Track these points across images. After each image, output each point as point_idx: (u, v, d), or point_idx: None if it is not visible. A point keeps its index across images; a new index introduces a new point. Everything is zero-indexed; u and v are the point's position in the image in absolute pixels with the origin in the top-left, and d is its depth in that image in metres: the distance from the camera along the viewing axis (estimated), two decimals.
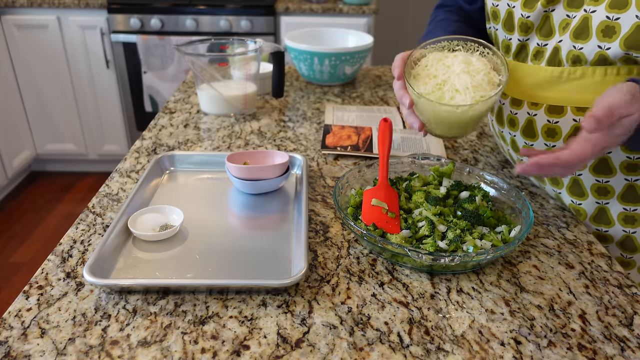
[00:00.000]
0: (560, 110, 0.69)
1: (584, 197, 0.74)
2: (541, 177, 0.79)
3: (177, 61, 2.43)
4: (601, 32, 0.61)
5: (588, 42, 0.63)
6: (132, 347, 0.50)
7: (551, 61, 0.69)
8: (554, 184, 0.78)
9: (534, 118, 0.73)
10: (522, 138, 0.76)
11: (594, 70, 0.64)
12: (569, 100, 0.68)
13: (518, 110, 0.75)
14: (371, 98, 1.26)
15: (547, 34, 0.69)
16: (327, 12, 2.43)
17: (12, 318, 0.54)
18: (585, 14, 0.63)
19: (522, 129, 0.75)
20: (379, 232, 0.65)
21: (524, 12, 0.69)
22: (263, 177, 0.78)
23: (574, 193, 0.75)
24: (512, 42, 0.74)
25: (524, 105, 0.74)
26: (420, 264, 0.61)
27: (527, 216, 0.66)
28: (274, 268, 0.62)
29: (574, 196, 0.75)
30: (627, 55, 0.61)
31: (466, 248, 0.61)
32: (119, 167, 0.87)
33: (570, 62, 0.66)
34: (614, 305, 0.58)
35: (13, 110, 2.49)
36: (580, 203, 0.75)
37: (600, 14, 0.61)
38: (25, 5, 2.35)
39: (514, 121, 0.77)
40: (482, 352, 0.51)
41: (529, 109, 0.73)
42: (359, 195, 0.73)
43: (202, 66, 1.07)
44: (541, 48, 0.70)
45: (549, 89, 0.70)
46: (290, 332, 0.53)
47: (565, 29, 0.66)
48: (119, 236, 0.66)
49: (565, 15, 0.66)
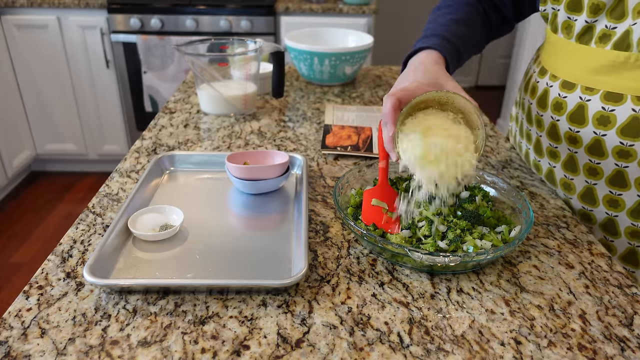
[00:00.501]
0: (619, 98, 0.66)
1: (626, 188, 0.72)
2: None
3: (177, 61, 2.43)
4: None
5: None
6: (132, 347, 0.50)
7: (619, 45, 0.65)
8: (565, 190, 0.77)
9: (587, 104, 0.69)
10: (568, 123, 0.73)
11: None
12: (630, 89, 0.65)
13: (568, 94, 0.72)
14: (371, 98, 1.26)
15: (619, 16, 0.65)
16: (327, 12, 2.43)
17: (12, 318, 0.54)
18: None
19: (570, 114, 0.72)
20: (379, 232, 0.65)
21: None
22: (263, 177, 0.78)
23: (615, 184, 0.73)
24: (577, 23, 0.70)
25: (577, 89, 0.71)
26: (420, 264, 0.61)
27: (527, 216, 0.66)
28: (274, 268, 0.62)
29: (614, 187, 0.73)
30: None
31: (466, 248, 0.61)
32: (119, 167, 0.87)
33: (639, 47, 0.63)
34: (614, 305, 0.58)
35: (13, 110, 2.49)
36: (592, 210, 0.75)
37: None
38: (25, 5, 2.35)
39: (561, 105, 0.73)
40: (482, 352, 0.51)
41: (582, 93, 0.70)
42: (359, 195, 0.73)
43: (202, 66, 1.07)
44: (609, 31, 0.66)
45: (610, 74, 0.66)
46: (290, 332, 0.53)
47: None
48: (119, 236, 0.66)
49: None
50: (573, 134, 0.73)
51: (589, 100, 0.69)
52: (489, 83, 4.31)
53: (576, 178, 0.77)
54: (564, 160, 0.77)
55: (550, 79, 0.76)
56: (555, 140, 0.77)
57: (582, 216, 0.79)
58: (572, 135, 0.73)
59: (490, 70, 4.27)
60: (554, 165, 0.80)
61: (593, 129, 0.70)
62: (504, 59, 4.17)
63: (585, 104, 0.70)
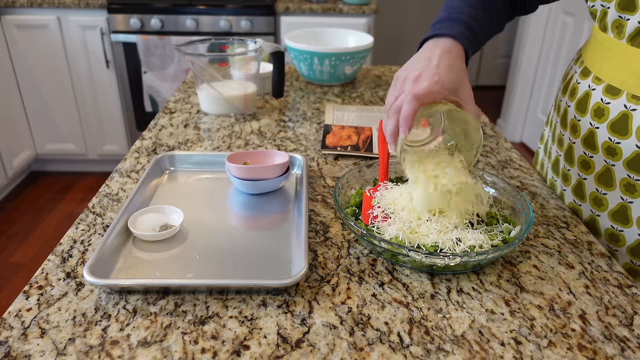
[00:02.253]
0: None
1: (628, 224, 0.68)
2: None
3: (177, 61, 2.43)
4: None
5: None
6: (132, 347, 0.50)
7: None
8: (595, 206, 0.71)
9: (632, 113, 0.64)
10: (608, 132, 0.67)
11: None
12: None
13: (612, 100, 0.66)
14: (371, 98, 1.26)
15: None
16: (327, 12, 2.43)
17: (12, 318, 0.54)
18: None
19: (612, 122, 0.66)
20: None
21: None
22: (263, 177, 0.78)
23: (617, 219, 0.69)
24: (629, 23, 0.63)
25: (622, 96, 0.65)
26: (420, 264, 0.61)
27: (527, 216, 0.66)
28: (274, 268, 0.62)
29: (617, 222, 0.70)
30: None
31: (467, 247, 0.61)
32: (119, 167, 0.87)
33: None
34: (614, 305, 0.58)
35: (13, 110, 2.49)
36: (622, 230, 0.70)
37: None
38: (25, 5, 2.35)
39: (603, 111, 0.67)
40: (482, 352, 0.51)
41: (627, 101, 0.64)
42: (359, 195, 0.73)
43: (202, 66, 1.07)
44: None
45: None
46: (290, 332, 0.53)
47: None
48: (119, 236, 0.66)
49: None
50: (613, 144, 0.67)
51: (634, 110, 0.64)
52: (489, 83, 4.31)
53: (610, 193, 0.70)
54: (598, 172, 0.71)
55: (593, 81, 0.70)
56: (592, 149, 0.71)
57: (609, 236, 0.73)
58: (611, 146, 0.67)
59: (490, 70, 4.27)
60: (585, 177, 0.73)
61: (636, 142, 0.64)
62: (504, 59, 4.17)
63: (630, 113, 0.64)
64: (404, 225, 0.63)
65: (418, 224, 0.63)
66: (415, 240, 0.62)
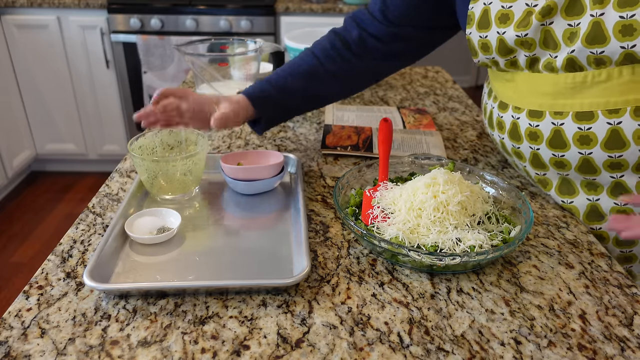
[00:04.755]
0: (590, 116, 0.65)
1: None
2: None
3: (177, 61, 2.43)
4: (619, 33, 0.59)
5: (608, 45, 0.60)
6: (132, 347, 0.50)
7: (570, 68, 0.65)
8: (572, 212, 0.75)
9: (561, 127, 0.68)
10: (549, 150, 0.71)
11: (620, 71, 0.61)
12: (597, 105, 0.64)
13: (539, 122, 0.70)
14: (371, 98, 1.26)
15: (554, 47, 0.65)
16: (327, 12, 2.43)
17: (12, 318, 0.54)
18: (594, 18, 0.60)
19: (549, 140, 0.70)
20: None
21: (519, 32, 0.66)
22: (257, 178, 0.77)
23: (591, 219, 0.72)
24: (519, 58, 0.69)
25: (546, 116, 0.69)
26: (420, 264, 0.61)
27: (527, 216, 0.66)
28: (274, 268, 0.62)
29: (590, 222, 0.73)
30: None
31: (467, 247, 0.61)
32: (119, 167, 0.87)
33: (594, 65, 0.62)
34: (614, 305, 0.58)
35: (13, 110, 2.49)
36: (600, 227, 0.73)
37: (611, 16, 0.59)
38: (25, 5, 2.35)
39: (536, 134, 0.71)
40: (482, 352, 0.51)
41: (552, 118, 0.68)
42: (359, 195, 0.73)
43: (202, 66, 1.07)
44: (552, 60, 0.66)
45: (573, 96, 0.66)
46: (290, 332, 0.53)
47: (571, 38, 0.63)
48: (117, 239, 0.65)
49: (567, 25, 0.63)
50: (558, 159, 0.71)
51: (562, 124, 0.68)
52: None
53: (576, 199, 0.74)
54: (557, 184, 0.75)
55: (514, 111, 0.74)
56: (542, 168, 0.75)
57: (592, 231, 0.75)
58: (558, 161, 0.71)
59: None
60: (548, 193, 0.78)
61: (577, 150, 0.68)
62: None
63: (560, 128, 0.68)
64: (404, 226, 0.63)
65: (418, 223, 0.63)
66: (415, 240, 0.62)
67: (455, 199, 0.63)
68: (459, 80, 4.21)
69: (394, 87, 1.35)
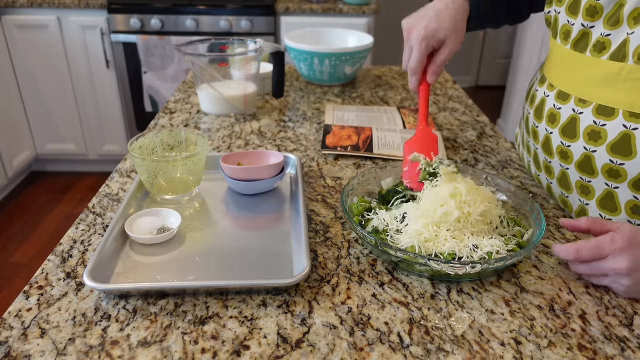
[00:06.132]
0: (610, 112, 0.62)
1: (616, 212, 0.68)
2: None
3: (177, 61, 2.43)
4: None
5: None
6: (132, 347, 0.50)
7: (615, 55, 0.61)
8: (582, 194, 0.71)
9: (579, 116, 0.65)
10: (560, 137, 0.69)
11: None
12: (621, 102, 0.61)
13: (562, 105, 0.68)
14: (371, 98, 1.26)
15: (614, 23, 0.61)
16: (327, 12, 2.43)
17: (12, 318, 0.54)
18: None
19: (563, 126, 0.68)
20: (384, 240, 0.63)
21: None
22: (257, 178, 0.77)
23: (605, 207, 0.68)
24: (574, 27, 0.66)
25: (571, 100, 0.67)
26: (438, 273, 0.59)
27: (537, 219, 0.65)
28: (274, 268, 0.62)
29: (604, 210, 0.69)
30: None
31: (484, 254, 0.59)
32: (119, 167, 0.87)
33: (636, 58, 0.59)
34: (614, 305, 0.58)
35: (13, 110, 2.49)
36: (610, 218, 0.69)
37: None
38: (25, 5, 2.35)
39: (555, 117, 0.69)
40: (482, 352, 0.51)
41: (575, 105, 0.66)
42: (361, 202, 0.71)
43: (202, 66, 1.07)
44: (603, 38, 0.62)
45: (603, 86, 0.63)
46: (290, 332, 0.53)
47: (637, 20, 0.58)
48: (117, 239, 0.65)
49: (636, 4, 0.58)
50: (564, 148, 0.69)
51: (581, 113, 0.66)
52: (489, 83, 4.31)
53: (570, 196, 0.72)
54: (558, 176, 0.73)
55: (547, 88, 0.73)
56: (549, 154, 0.73)
57: None
58: (563, 150, 0.69)
59: (490, 70, 4.27)
60: (551, 181, 0.75)
61: (584, 144, 0.66)
62: (504, 59, 4.17)
63: (578, 116, 0.66)
64: (419, 236, 0.61)
65: (435, 232, 0.61)
66: (430, 248, 0.60)
67: (478, 210, 0.62)
68: (459, 80, 4.22)
69: (394, 87, 1.35)
